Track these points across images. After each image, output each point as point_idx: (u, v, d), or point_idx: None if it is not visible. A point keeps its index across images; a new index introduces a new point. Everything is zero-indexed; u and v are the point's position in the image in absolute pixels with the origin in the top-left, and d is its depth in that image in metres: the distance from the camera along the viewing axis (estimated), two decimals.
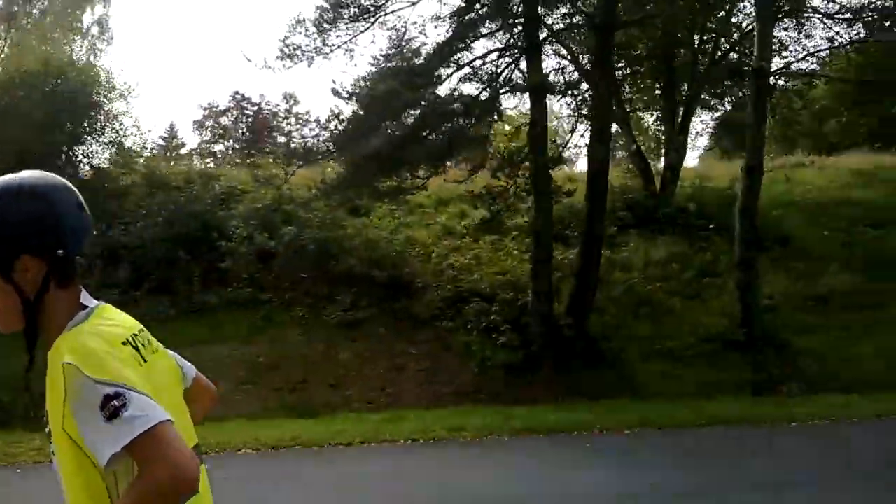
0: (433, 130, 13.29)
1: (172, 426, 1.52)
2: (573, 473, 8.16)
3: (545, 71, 14.22)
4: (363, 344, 14.79)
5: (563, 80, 15.31)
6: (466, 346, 14.44)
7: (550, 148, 14.16)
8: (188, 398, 1.97)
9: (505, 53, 13.85)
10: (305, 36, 14.28)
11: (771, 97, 16.76)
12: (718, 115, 21.52)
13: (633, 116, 20.92)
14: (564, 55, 15.99)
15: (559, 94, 14.55)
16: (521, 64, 13.79)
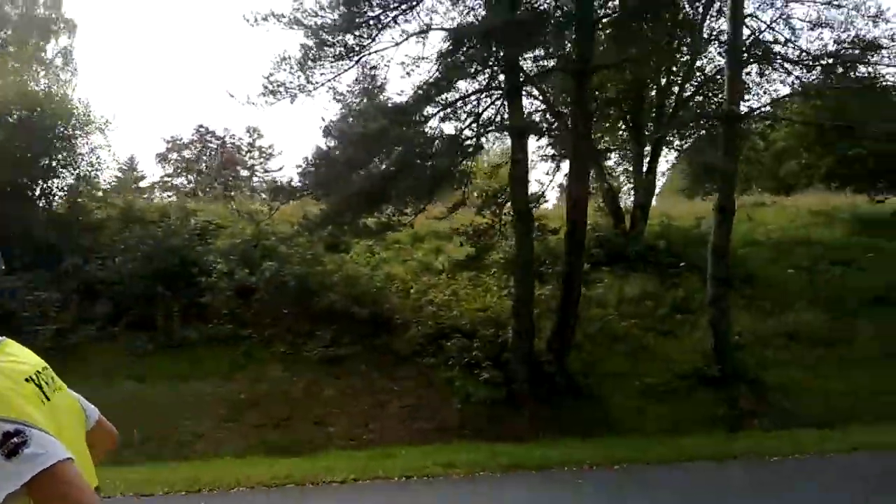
0: (417, 168, 13.51)
1: (73, 465, 1.51)
2: None
3: (526, 111, 14.62)
4: (345, 380, 14.81)
5: (542, 120, 15.66)
6: (448, 381, 14.57)
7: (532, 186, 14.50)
8: (90, 441, 1.94)
9: (486, 94, 14.23)
10: (290, 73, 14.47)
11: (741, 140, 17.40)
12: (681, 155, 22.13)
13: (605, 156, 21.48)
14: (541, 97, 16.37)
15: (540, 134, 14.94)
16: (502, 104, 14.15)
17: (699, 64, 20.35)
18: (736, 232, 19.39)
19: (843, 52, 17.92)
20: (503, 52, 12.62)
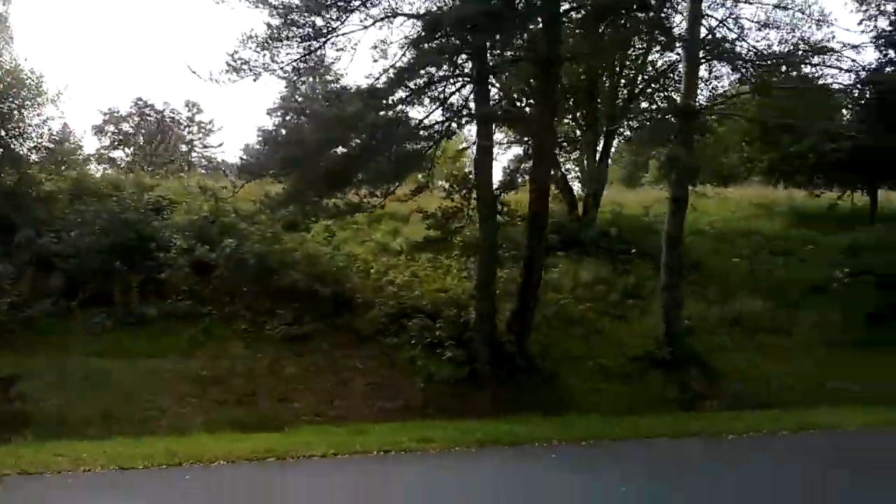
0: (385, 151, 13.60)
1: None
2: (557, 482, 8.72)
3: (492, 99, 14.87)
4: (308, 358, 14.86)
5: (508, 108, 15.90)
6: (411, 360, 14.78)
7: (504, 173, 14.78)
8: None
9: (453, 81, 14.40)
10: (255, 51, 14.35)
11: (703, 134, 18.02)
12: (638, 147, 22.75)
13: (569, 146, 21.96)
14: (499, 87, 16.61)
15: (506, 122, 15.19)
16: (470, 91, 14.34)
17: (651, 58, 20.97)
18: None
19: (788, 52, 18.77)
20: (474, 40, 12.79)
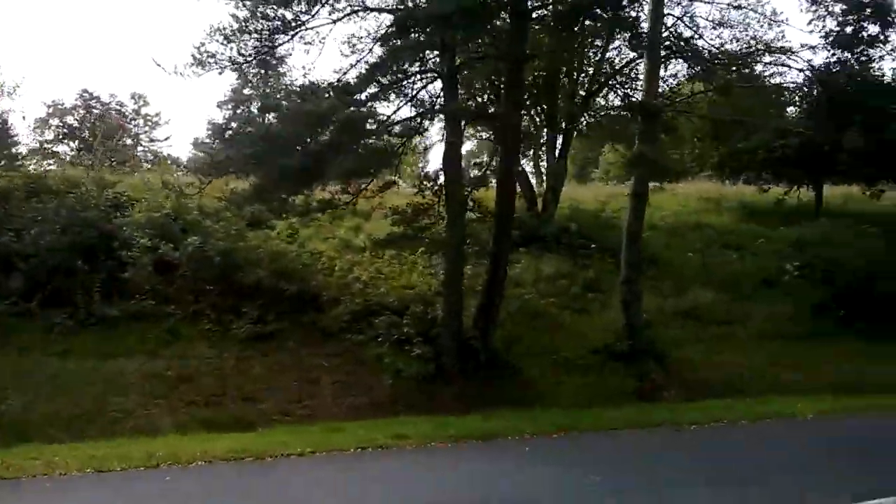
0: (354, 147, 13.64)
1: None
2: (534, 474, 8.98)
3: (468, 96, 15.04)
4: (274, 357, 14.83)
5: (477, 106, 16.09)
6: (378, 358, 14.87)
7: (475, 170, 14.95)
8: None
9: (421, 78, 14.52)
10: (221, 44, 14.22)
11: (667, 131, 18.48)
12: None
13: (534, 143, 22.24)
14: (474, 84, 16.81)
15: (475, 119, 15.37)
16: (442, 88, 14.48)
17: (609, 56, 21.38)
18: None
19: (741, 51, 19.39)
20: (446, 37, 12.92)
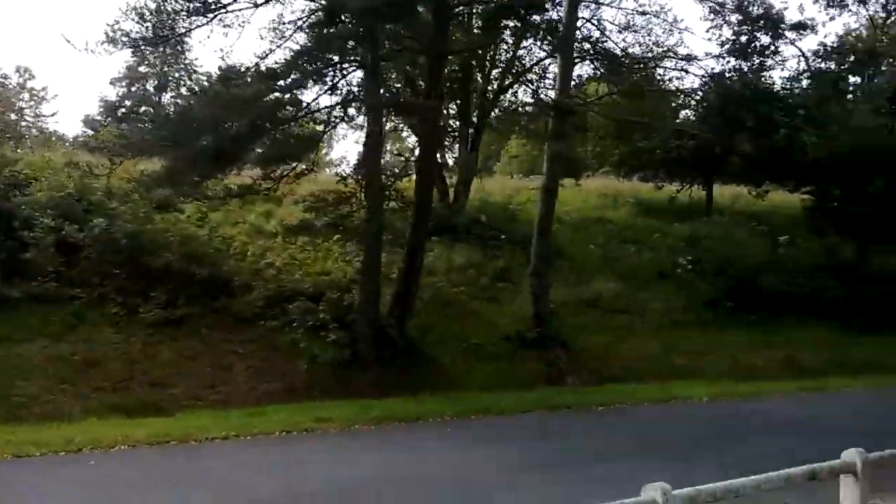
0: (273, 132, 13.57)
1: None
2: (450, 453, 9.29)
3: (384, 88, 15.14)
4: (185, 342, 14.53)
5: (399, 97, 16.19)
6: (293, 343, 14.82)
7: (396, 160, 15.09)
8: None
9: (348, 68, 14.55)
10: (137, 23, 13.83)
11: (574, 128, 19.16)
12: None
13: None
14: (397, 75, 16.94)
15: (396, 110, 15.50)
16: (362, 78, 14.57)
17: (519, 53, 21.96)
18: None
19: (644, 55, 20.40)
20: (373, 28, 13.02)
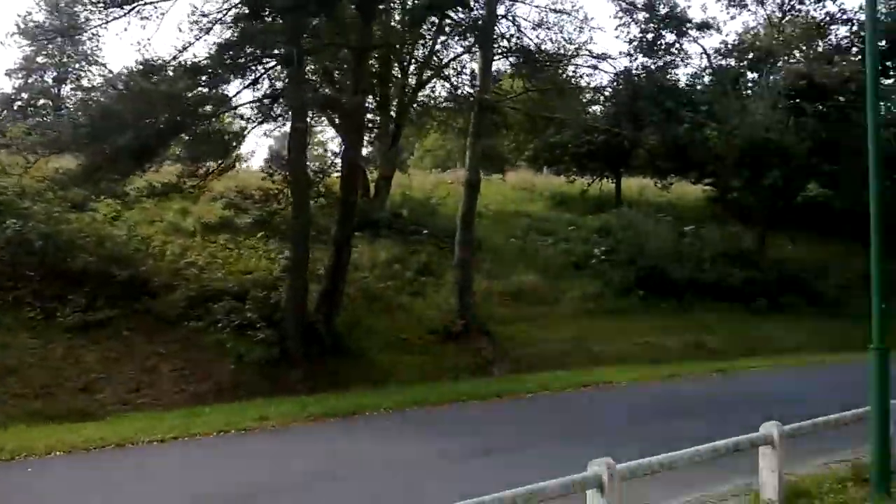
0: (198, 128, 13.40)
1: None
2: (392, 444, 9.52)
3: (307, 84, 15.10)
4: (106, 345, 14.21)
5: (322, 93, 16.13)
6: (219, 343, 14.69)
7: (320, 157, 15.09)
8: None
9: (272, 62, 14.45)
10: (51, 14, 13.35)
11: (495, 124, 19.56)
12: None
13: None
14: (321, 71, 16.87)
15: (320, 105, 15.46)
16: (287, 74, 14.49)
17: (436, 49, 22.18)
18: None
19: (556, 52, 20.99)
20: (296, 23, 13.01)
